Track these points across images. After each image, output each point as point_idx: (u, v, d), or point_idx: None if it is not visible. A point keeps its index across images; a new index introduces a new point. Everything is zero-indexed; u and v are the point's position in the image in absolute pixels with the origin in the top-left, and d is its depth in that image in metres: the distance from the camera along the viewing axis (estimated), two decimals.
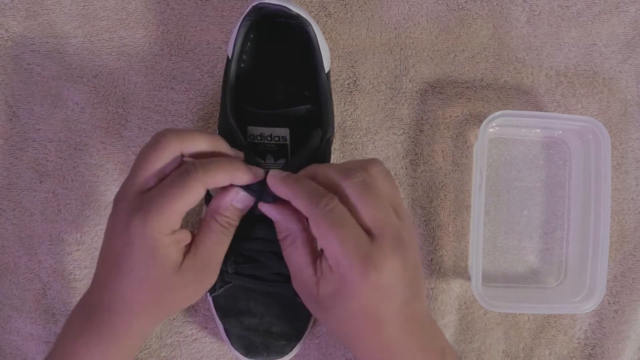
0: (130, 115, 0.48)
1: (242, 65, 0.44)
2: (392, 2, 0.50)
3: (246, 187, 0.36)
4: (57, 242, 0.47)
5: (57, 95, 0.48)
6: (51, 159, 0.48)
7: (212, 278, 0.36)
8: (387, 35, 0.49)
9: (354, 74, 0.49)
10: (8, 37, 0.48)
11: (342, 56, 0.49)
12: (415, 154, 0.49)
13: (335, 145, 0.49)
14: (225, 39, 0.49)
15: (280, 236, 0.37)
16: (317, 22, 0.49)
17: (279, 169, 0.37)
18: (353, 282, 0.32)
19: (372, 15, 0.49)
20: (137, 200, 0.33)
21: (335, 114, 0.49)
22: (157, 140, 0.34)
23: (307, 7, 0.49)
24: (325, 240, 0.32)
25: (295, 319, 0.43)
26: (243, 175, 0.35)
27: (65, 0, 0.48)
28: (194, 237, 0.35)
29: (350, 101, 0.49)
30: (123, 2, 0.49)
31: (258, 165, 0.38)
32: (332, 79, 0.49)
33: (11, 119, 0.48)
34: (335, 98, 0.49)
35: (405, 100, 0.49)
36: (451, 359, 0.36)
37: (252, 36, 0.44)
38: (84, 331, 0.33)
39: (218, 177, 0.34)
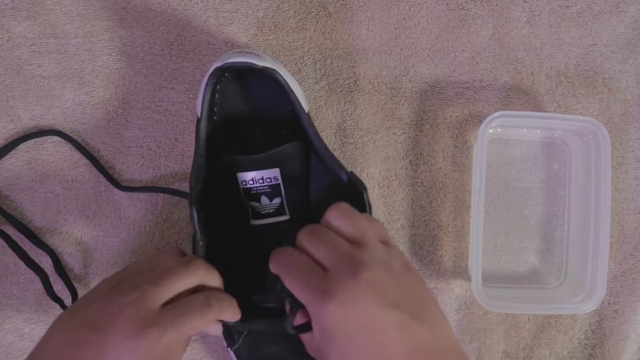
0: (130, 115, 0.48)
1: (216, 117, 0.44)
2: (392, 2, 0.50)
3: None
4: (57, 242, 0.47)
5: (57, 95, 0.48)
6: (51, 159, 0.48)
7: None
8: (387, 35, 0.49)
9: (354, 74, 0.49)
10: (8, 37, 0.48)
11: (342, 56, 0.49)
12: (415, 154, 0.49)
13: (335, 145, 0.49)
14: (226, 40, 0.49)
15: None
16: (317, 22, 0.49)
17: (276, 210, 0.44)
18: (317, 316, 0.33)
19: (372, 15, 0.49)
20: (153, 314, 0.34)
21: (335, 114, 0.49)
22: (189, 263, 0.37)
23: (307, 7, 0.49)
24: (289, 286, 0.35)
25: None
26: (237, 314, 0.39)
27: (65, 0, 0.48)
28: None
29: (350, 101, 0.49)
30: (123, 2, 0.49)
31: (253, 208, 0.44)
32: (332, 79, 0.49)
33: (12, 119, 0.48)
34: (335, 98, 0.49)
35: (405, 100, 0.49)
36: None
37: (219, 87, 0.43)
38: None
39: (227, 314, 0.38)
